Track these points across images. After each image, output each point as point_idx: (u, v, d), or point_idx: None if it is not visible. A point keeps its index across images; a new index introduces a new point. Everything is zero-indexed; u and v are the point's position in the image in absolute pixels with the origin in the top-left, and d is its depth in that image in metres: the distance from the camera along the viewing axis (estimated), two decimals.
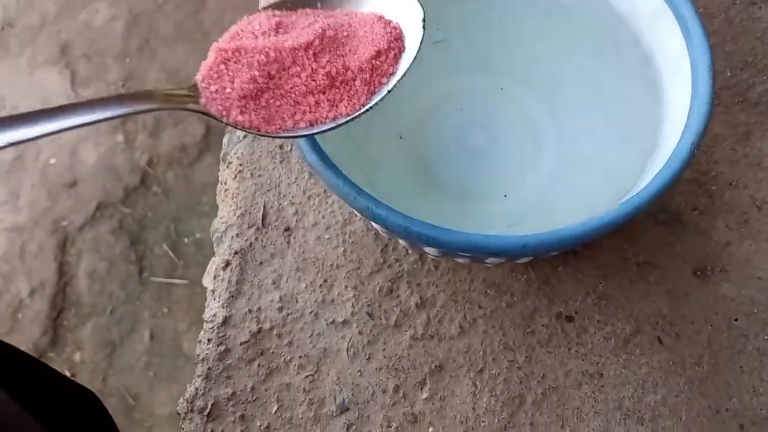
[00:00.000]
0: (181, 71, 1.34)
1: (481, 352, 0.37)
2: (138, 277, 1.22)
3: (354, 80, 0.30)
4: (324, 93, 0.30)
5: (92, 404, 0.48)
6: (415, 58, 0.31)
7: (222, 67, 0.29)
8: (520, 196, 0.39)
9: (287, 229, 0.41)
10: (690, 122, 0.30)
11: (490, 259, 0.32)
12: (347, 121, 0.30)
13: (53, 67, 1.43)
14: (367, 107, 0.30)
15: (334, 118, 0.30)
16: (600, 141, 0.38)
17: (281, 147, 0.44)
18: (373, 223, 0.32)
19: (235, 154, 0.44)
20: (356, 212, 0.32)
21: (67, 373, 1.14)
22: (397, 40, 0.31)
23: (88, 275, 1.24)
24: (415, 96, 0.41)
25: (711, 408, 0.35)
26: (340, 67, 0.30)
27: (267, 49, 0.29)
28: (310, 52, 0.29)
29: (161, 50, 1.38)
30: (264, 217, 0.41)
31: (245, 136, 0.44)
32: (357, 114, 0.30)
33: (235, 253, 0.40)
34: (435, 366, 0.37)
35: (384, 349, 0.38)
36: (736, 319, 0.37)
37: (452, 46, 0.31)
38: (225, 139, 0.45)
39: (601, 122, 0.38)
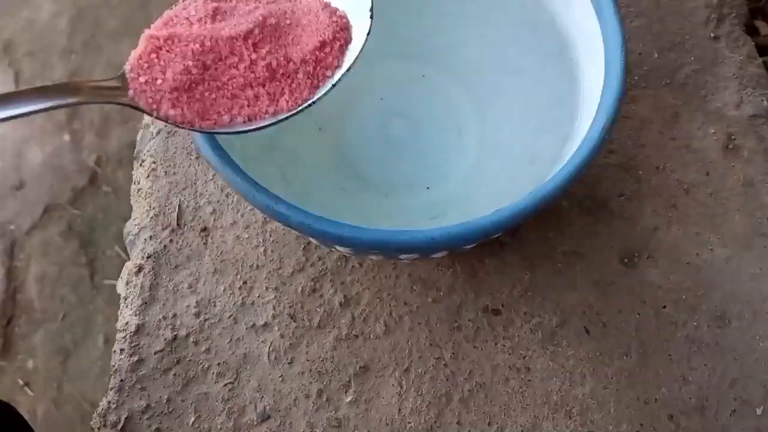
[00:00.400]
0: None
1: (407, 351, 0.36)
2: (90, 281, 1.18)
3: (296, 73, 0.28)
4: (264, 86, 0.28)
5: (7, 415, 0.45)
6: (361, 50, 0.29)
7: (153, 56, 0.27)
8: (442, 188, 0.38)
9: (204, 230, 0.39)
10: (602, 105, 0.29)
11: (403, 256, 0.31)
12: (289, 117, 0.28)
13: None
14: (309, 102, 0.28)
15: (275, 113, 0.28)
16: (521, 128, 0.37)
17: None
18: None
19: (148, 151, 0.42)
20: (258, 210, 0.30)
21: (20, 382, 1.11)
22: (343, 30, 0.29)
23: (38, 280, 1.20)
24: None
25: (640, 399, 0.34)
26: (282, 59, 0.28)
27: (202, 38, 0.27)
28: (249, 41, 0.27)
29: (107, 45, 1.34)
30: (179, 217, 0.40)
31: (159, 132, 0.42)
32: (299, 109, 0.28)
33: (148, 257, 0.38)
34: (360, 367, 0.36)
35: (307, 352, 0.36)
36: (665, 307, 0.36)
37: (371, 32, 0.29)
38: (138, 136, 0.43)
39: (522, 109, 0.37)
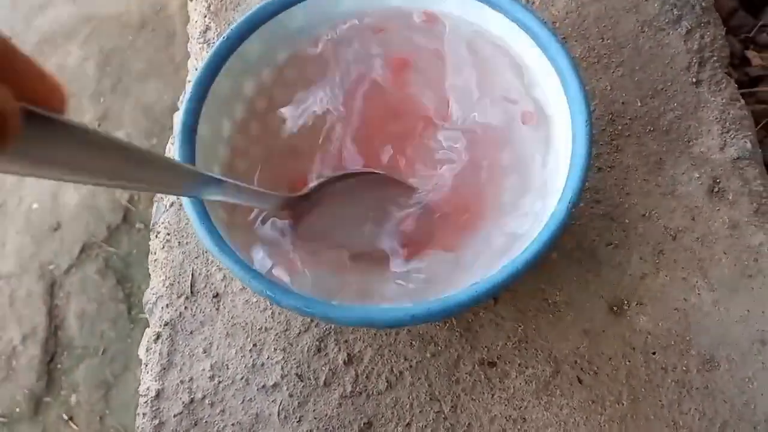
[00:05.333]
0: (156, 106, 1.35)
1: (408, 405, 0.38)
2: (127, 315, 1.23)
3: None
4: None
5: None
6: None
7: None
8: None
9: (216, 296, 0.42)
10: (567, 188, 0.31)
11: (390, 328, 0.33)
12: None
13: None
14: None
15: None
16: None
17: None
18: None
19: (162, 223, 0.45)
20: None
21: (65, 417, 1.16)
22: None
23: (78, 317, 1.25)
24: None
25: None
26: None
27: None
28: None
29: (134, 87, 1.39)
30: (192, 284, 0.42)
31: (172, 205, 0.45)
32: None
33: (165, 324, 0.41)
34: (364, 423, 0.38)
35: (314, 410, 0.38)
36: (654, 353, 0.38)
37: None
38: (153, 209, 0.46)
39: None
